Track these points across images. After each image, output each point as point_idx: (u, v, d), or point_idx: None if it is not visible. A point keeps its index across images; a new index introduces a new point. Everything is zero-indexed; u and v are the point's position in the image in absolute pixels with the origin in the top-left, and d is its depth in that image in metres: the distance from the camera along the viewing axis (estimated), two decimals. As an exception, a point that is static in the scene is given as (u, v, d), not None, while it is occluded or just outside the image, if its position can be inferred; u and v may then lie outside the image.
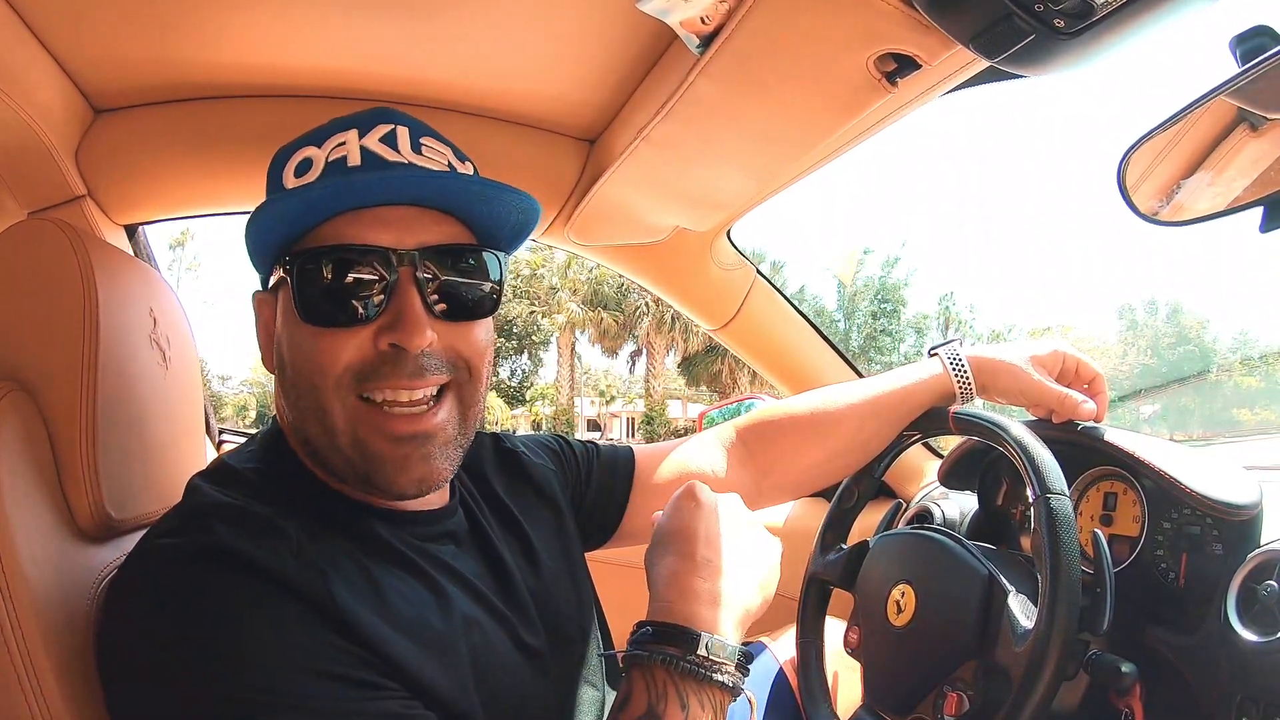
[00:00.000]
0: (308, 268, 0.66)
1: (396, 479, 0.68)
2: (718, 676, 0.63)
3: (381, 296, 0.66)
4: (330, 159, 0.69)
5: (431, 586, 0.69)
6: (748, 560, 0.72)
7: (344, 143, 0.70)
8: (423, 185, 0.68)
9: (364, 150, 0.69)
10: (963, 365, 1.02)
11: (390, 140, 0.70)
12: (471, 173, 0.75)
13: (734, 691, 0.65)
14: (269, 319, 0.74)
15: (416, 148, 0.71)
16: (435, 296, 0.68)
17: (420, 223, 0.68)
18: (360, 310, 0.66)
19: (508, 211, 0.72)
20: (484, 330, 0.73)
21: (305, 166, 0.70)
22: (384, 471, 0.67)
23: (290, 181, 0.70)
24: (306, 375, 0.67)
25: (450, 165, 0.73)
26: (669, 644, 0.64)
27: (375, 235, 0.66)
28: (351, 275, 0.66)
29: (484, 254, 0.72)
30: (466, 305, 0.71)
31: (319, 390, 0.67)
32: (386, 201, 0.67)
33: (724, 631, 0.66)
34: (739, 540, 0.73)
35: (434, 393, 0.69)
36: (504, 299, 0.76)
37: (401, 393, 0.67)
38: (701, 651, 0.63)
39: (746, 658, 0.67)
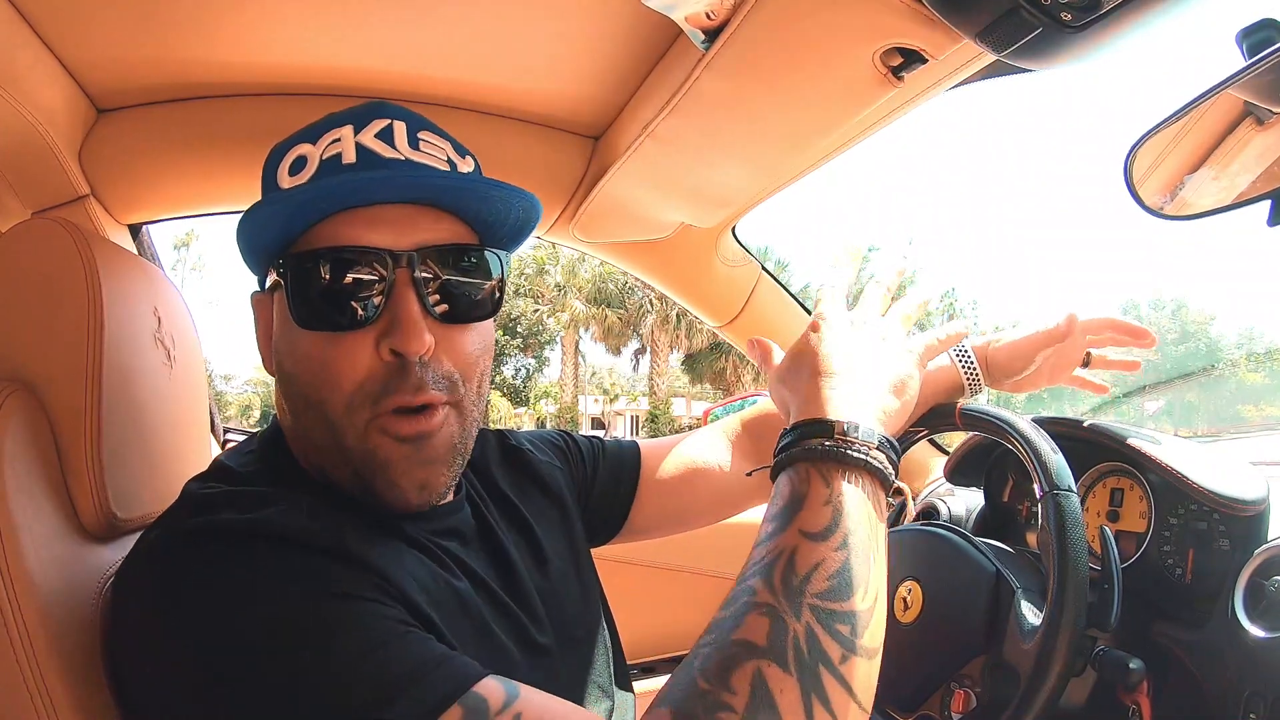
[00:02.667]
0: (302, 271, 0.65)
1: (400, 481, 0.66)
2: (857, 454, 0.60)
3: (380, 299, 0.64)
4: (325, 156, 0.68)
5: (443, 566, 0.69)
6: (879, 367, 0.70)
7: (339, 139, 0.68)
8: (420, 184, 0.67)
9: (360, 147, 0.67)
10: (970, 358, 1.01)
11: (387, 136, 0.69)
12: (473, 168, 0.74)
13: (881, 476, 0.61)
14: (267, 321, 0.72)
15: (414, 143, 0.69)
16: (436, 297, 0.66)
17: (419, 222, 0.66)
18: (359, 313, 0.64)
19: (508, 209, 0.70)
20: (483, 335, 0.71)
21: (300, 165, 0.68)
22: (388, 475, 0.66)
23: (285, 181, 0.69)
24: (314, 386, 0.66)
25: (450, 161, 0.71)
26: (808, 438, 0.63)
27: (371, 236, 0.65)
28: (349, 277, 0.64)
29: (485, 253, 0.70)
30: (467, 306, 0.69)
31: (328, 404, 0.65)
32: (383, 200, 0.65)
33: (863, 420, 0.63)
34: (869, 351, 0.70)
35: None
36: (507, 297, 0.75)
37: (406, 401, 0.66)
38: (839, 434, 0.61)
39: (894, 448, 0.63)
